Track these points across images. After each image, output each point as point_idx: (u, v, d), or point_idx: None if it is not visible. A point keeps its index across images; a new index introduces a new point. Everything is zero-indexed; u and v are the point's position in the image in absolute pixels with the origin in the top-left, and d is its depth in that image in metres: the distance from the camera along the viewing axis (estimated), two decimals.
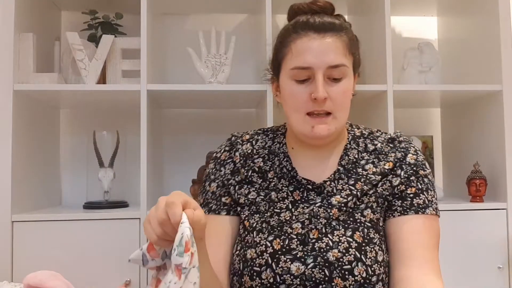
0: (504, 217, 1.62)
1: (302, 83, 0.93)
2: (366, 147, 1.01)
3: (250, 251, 0.93)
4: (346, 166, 0.99)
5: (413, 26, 2.10)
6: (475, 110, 1.84)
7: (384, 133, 1.04)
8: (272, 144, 1.05)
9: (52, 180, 1.84)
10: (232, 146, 1.05)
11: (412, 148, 1.00)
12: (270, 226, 0.95)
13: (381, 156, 1.00)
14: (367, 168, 0.98)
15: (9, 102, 1.49)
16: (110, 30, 1.79)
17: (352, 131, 1.05)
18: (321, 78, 0.90)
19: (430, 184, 0.98)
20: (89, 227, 1.50)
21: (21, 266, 1.46)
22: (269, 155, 1.03)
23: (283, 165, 1.01)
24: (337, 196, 0.96)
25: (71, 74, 1.66)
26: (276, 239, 0.92)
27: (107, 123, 1.88)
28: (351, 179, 0.98)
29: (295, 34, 0.94)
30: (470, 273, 1.61)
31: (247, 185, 1.01)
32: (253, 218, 0.97)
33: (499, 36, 1.66)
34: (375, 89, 1.64)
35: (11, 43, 1.50)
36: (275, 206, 0.97)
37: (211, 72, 1.65)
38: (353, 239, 0.91)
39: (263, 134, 1.07)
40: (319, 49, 0.91)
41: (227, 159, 1.03)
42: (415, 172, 0.97)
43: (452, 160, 2.03)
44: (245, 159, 1.02)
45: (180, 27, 2.00)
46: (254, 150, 1.03)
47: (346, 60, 0.93)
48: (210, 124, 2.00)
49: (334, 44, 0.91)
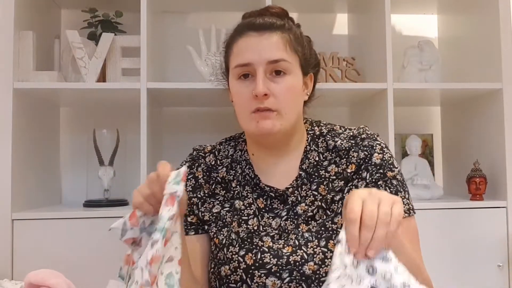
0: (504, 216, 1.62)
1: (245, 81, 0.93)
2: (327, 146, 0.98)
3: (223, 268, 0.91)
4: (307, 170, 0.97)
5: (413, 24, 2.09)
6: (475, 108, 1.84)
7: (348, 129, 1.01)
8: (234, 152, 1.03)
9: (52, 179, 1.84)
10: (194, 161, 1.03)
11: (377, 146, 0.95)
12: (240, 239, 0.93)
13: (342, 153, 0.96)
14: (330, 170, 0.96)
15: (9, 100, 1.49)
16: (110, 28, 1.79)
17: (312, 131, 1.02)
18: (262, 74, 0.90)
19: (399, 184, 0.94)
20: (89, 225, 1.50)
21: (21, 264, 1.46)
22: (232, 164, 1.01)
23: (245, 172, 1.00)
24: (302, 204, 0.94)
25: (71, 72, 1.66)
26: (248, 254, 0.90)
27: (107, 121, 1.88)
28: (313, 184, 0.95)
29: (237, 35, 0.95)
30: (470, 271, 1.61)
31: (210, 199, 0.99)
32: (221, 233, 0.95)
33: (499, 35, 1.66)
34: (375, 87, 1.64)
35: (11, 41, 1.50)
36: (242, 213, 0.95)
37: (211, 70, 1.65)
38: (328, 249, 0.88)
39: (225, 143, 1.06)
40: (258, 45, 0.91)
41: (187, 175, 1.01)
42: (382, 175, 0.93)
43: (452, 159, 2.03)
44: (208, 173, 1.01)
45: (180, 25, 2.00)
46: (217, 161, 1.02)
47: (287, 56, 0.92)
48: (210, 123, 2.00)
49: (273, 40, 0.92)
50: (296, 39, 0.95)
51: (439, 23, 2.12)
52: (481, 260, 1.61)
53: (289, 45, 0.93)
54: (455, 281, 1.59)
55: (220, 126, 1.98)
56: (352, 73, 1.78)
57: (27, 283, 1.10)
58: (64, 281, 1.16)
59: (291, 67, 0.92)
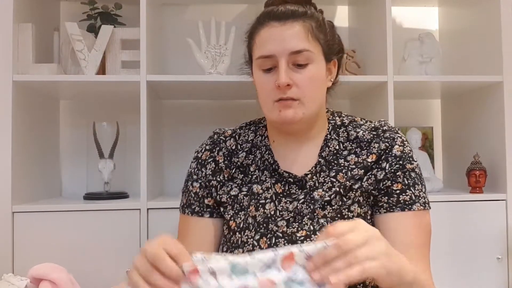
0: (504, 208, 1.62)
1: (268, 72, 0.93)
2: (348, 136, 0.99)
3: (237, 251, 0.92)
4: (327, 158, 0.97)
5: (414, 16, 2.08)
6: (475, 101, 1.84)
7: (368, 121, 1.01)
8: (255, 137, 1.04)
9: (52, 171, 1.84)
10: (215, 145, 1.04)
11: (398, 138, 0.96)
12: (257, 223, 0.94)
13: (363, 144, 0.97)
14: (349, 159, 0.96)
15: (8, 93, 1.48)
16: (109, 21, 1.79)
17: (333, 120, 1.02)
18: (284, 65, 0.90)
19: (417, 177, 0.95)
20: (89, 218, 1.51)
21: (22, 256, 1.47)
22: (251, 149, 1.02)
23: (265, 158, 1.00)
24: (319, 190, 0.94)
25: (70, 65, 1.65)
26: (262, 238, 0.91)
27: (107, 114, 1.88)
28: (332, 171, 0.96)
29: (259, 25, 0.95)
30: (469, 264, 1.61)
31: (228, 182, 1.00)
32: (238, 217, 0.96)
33: (500, 27, 1.65)
34: (375, 80, 1.64)
35: (10, 33, 1.49)
36: (260, 197, 0.96)
37: (211, 63, 1.65)
38: None
39: (245, 128, 1.06)
40: (280, 36, 0.91)
41: (208, 159, 1.02)
42: (401, 166, 0.94)
43: (452, 151, 2.03)
44: (229, 158, 1.01)
45: (180, 17, 1.99)
46: (238, 146, 1.02)
47: (309, 45, 0.92)
48: (210, 115, 1.99)
49: (294, 30, 0.91)
50: (318, 26, 0.95)
51: (440, 16, 2.11)
52: (481, 253, 1.61)
53: (311, 34, 0.93)
54: (455, 274, 1.60)
55: (219, 119, 1.98)
56: (352, 66, 1.78)
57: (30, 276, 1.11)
58: (66, 276, 1.17)
59: (313, 56, 0.92)
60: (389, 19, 1.62)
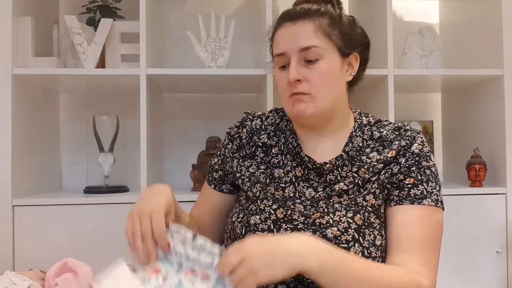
0: (503, 202, 1.63)
1: (283, 69, 0.99)
2: (372, 135, 1.02)
3: (254, 217, 0.96)
4: (350, 153, 1.00)
5: (414, 10, 2.08)
6: (475, 95, 1.83)
7: (392, 123, 1.05)
8: (281, 121, 1.09)
9: (52, 165, 1.85)
10: (242, 122, 1.10)
11: (419, 138, 0.99)
12: (275, 198, 0.98)
13: (386, 143, 1.00)
14: (371, 156, 0.99)
15: (8, 86, 1.48)
16: (109, 14, 1.78)
17: (360, 119, 1.06)
18: (295, 62, 0.96)
19: (432, 176, 0.96)
20: (90, 212, 1.51)
21: (23, 249, 1.47)
22: (276, 132, 1.07)
23: (288, 141, 1.05)
24: (341, 184, 0.97)
25: (70, 58, 1.65)
26: (280, 209, 0.96)
27: (107, 108, 1.88)
28: (354, 166, 0.99)
29: (277, 26, 1.02)
30: (469, 257, 1.62)
31: (249, 159, 1.06)
32: (255, 187, 1.02)
33: (501, 21, 1.65)
34: (376, 74, 1.63)
35: (9, 26, 1.49)
36: (280, 181, 1.01)
37: (211, 56, 1.64)
38: (353, 221, 0.92)
39: (274, 112, 1.12)
40: (291, 35, 0.97)
41: (234, 135, 1.09)
42: (417, 162, 0.96)
43: (452, 145, 2.03)
44: (251, 135, 1.07)
45: (180, 10, 1.98)
46: (262, 126, 1.08)
47: (318, 42, 0.95)
48: (210, 109, 1.99)
49: (304, 28, 0.96)
50: (331, 23, 0.98)
51: (440, 9, 2.10)
52: (480, 246, 1.62)
53: (320, 31, 0.96)
54: (454, 267, 1.61)
55: (219, 112, 1.98)
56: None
57: (61, 265, 1.08)
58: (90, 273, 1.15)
59: (323, 52, 0.96)
60: (389, 13, 1.61)
